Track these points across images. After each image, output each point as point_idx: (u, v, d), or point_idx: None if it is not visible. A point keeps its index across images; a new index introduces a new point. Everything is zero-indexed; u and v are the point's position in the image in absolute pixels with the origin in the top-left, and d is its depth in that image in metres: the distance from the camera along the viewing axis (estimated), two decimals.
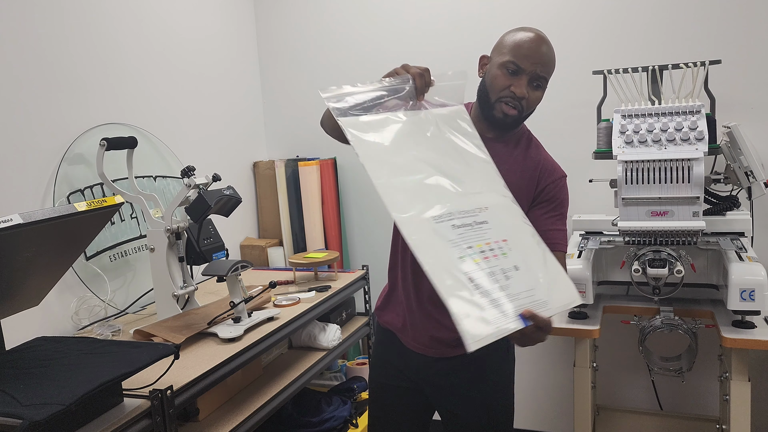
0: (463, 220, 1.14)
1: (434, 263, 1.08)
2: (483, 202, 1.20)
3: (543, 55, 1.39)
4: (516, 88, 1.38)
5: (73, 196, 1.90)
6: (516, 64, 1.37)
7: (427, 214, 1.13)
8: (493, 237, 1.14)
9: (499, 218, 1.19)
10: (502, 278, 1.10)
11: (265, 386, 1.90)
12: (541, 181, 1.46)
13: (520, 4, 2.51)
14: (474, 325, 1.06)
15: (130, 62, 2.19)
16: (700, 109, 1.84)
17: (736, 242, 1.96)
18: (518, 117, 1.42)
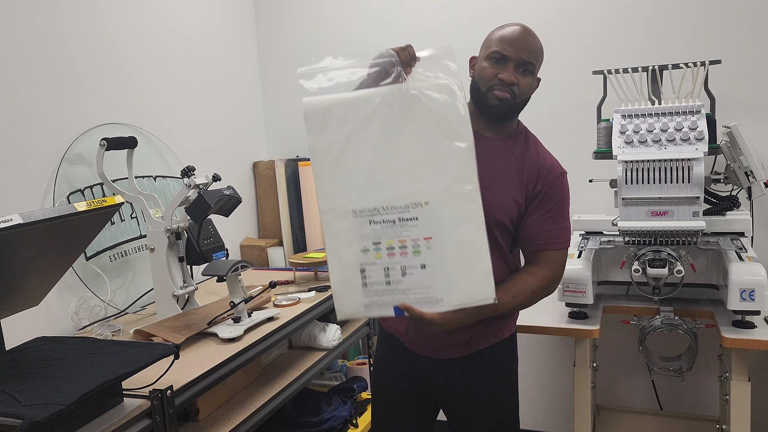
0: (386, 216, 1.23)
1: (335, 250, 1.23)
2: (425, 197, 1.23)
3: (527, 42, 1.41)
4: (504, 74, 1.39)
5: (73, 196, 1.90)
6: (500, 52, 1.40)
7: (350, 207, 1.24)
8: (413, 234, 1.23)
9: (436, 214, 1.23)
10: (397, 274, 1.23)
11: (265, 386, 1.90)
12: (540, 179, 1.45)
13: (520, 4, 2.51)
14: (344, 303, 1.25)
15: (130, 62, 2.19)
16: (700, 109, 1.84)
17: (736, 242, 1.96)
18: (512, 103, 1.41)
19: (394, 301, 1.25)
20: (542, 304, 2.08)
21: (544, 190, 1.44)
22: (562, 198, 1.48)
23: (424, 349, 1.51)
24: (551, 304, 2.06)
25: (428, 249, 1.22)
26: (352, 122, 1.24)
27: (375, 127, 1.24)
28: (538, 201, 1.45)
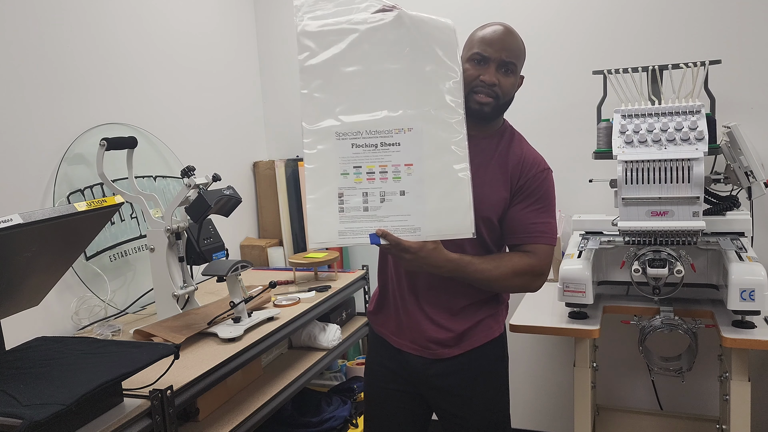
0: (369, 140, 1.23)
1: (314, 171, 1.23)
2: (410, 123, 1.24)
3: (506, 42, 1.42)
4: (485, 76, 1.40)
5: (73, 196, 1.90)
6: (481, 54, 1.41)
7: (333, 129, 1.24)
8: (395, 160, 1.23)
9: (418, 141, 1.24)
10: (376, 200, 1.23)
11: (265, 386, 1.90)
12: (523, 174, 1.45)
13: (520, 4, 2.51)
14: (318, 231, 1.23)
15: (131, 62, 2.19)
16: (700, 109, 1.84)
17: (736, 242, 1.96)
18: (495, 105, 1.42)
19: (371, 229, 1.24)
20: (542, 304, 2.10)
21: (527, 184, 1.45)
22: (546, 193, 1.47)
23: (414, 349, 1.51)
24: (551, 304, 2.06)
25: (409, 175, 1.23)
26: (343, 44, 1.24)
27: (366, 50, 1.25)
28: (522, 194, 1.45)
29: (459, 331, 1.47)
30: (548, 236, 1.45)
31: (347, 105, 1.24)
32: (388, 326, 1.56)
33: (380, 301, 1.59)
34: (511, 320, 1.96)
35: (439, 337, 1.47)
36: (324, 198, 1.23)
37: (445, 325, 1.48)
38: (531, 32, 2.50)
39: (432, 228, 1.26)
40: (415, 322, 1.49)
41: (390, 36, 1.25)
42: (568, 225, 2.38)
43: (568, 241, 2.24)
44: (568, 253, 2.03)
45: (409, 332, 1.51)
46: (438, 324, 1.47)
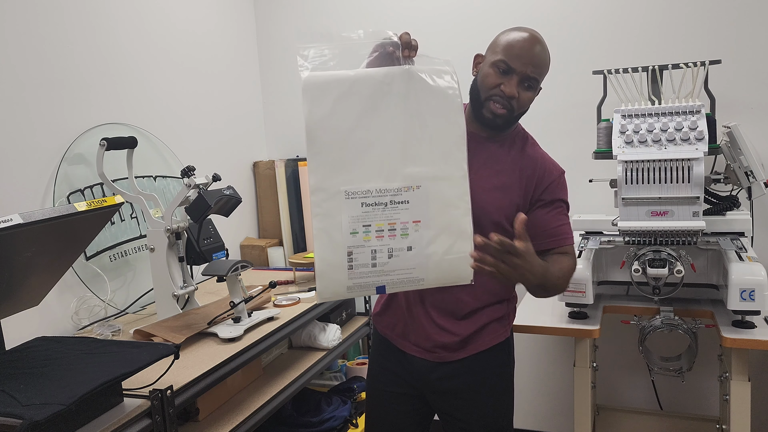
0: (378, 198, 1.23)
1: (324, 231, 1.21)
2: (417, 180, 1.24)
3: (535, 56, 1.38)
4: (506, 87, 1.37)
5: (73, 196, 1.90)
6: (507, 63, 1.37)
7: (343, 188, 1.21)
8: (403, 217, 1.23)
9: (425, 198, 1.24)
10: (384, 257, 1.23)
11: (265, 386, 1.90)
12: (543, 181, 1.45)
13: (520, 4, 2.51)
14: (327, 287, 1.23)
15: (131, 62, 2.19)
16: (700, 109, 1.84)
17: (736, 242, 1.96)
18: (508, 117, 1.41)
19: (378, 282, 1.24)
20: (542, 304, 2.10)
21: (548, 190, 1.46)
22: (564, 196, 1.50)
23: (418, 352, 1.51)
24: (551, 304, 2.06)
25: (416, 232, 1.23)
26: (351, 100, 1.22)
27: (375, 106, 1.23)
28: (543, 202, 1.45)
29: (464, 335, 1.47)
30: (572, 236, 1.49)
31: (357, 164, 1.22)
32: (393, 328, 1.56)
33: (387, 303, 1.59)
34: None
35: (444, 340, 1.47)
36: (333, 256, 1.22)
37: (450, 329, 1.47)
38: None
39: (434, 278, 1.27)
40: (420, 325, 1.49)
41: (396, 89, 1.24)
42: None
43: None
44: None
45: (413, 335, 1.51)
46: (443, 328, 1.47)
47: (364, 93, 1.22)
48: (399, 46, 1.25)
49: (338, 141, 1.21)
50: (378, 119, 1.23)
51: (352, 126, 1.22)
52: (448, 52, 1.60)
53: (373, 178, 1.22)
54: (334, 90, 1.22)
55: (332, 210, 1.21)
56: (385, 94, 1.23)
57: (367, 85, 1.23)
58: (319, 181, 1.21)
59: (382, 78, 1.23)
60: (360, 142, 1.22)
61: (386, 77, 1.23)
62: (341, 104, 1.21)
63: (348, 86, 1.22)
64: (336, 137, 1.21)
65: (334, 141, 1.21)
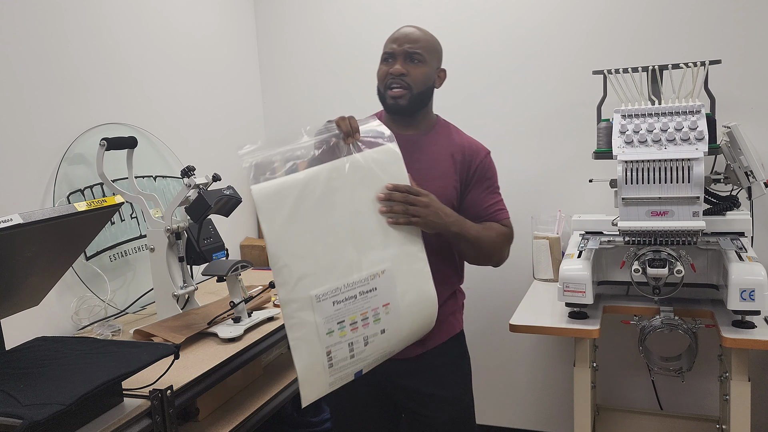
0: (348, 293, 1.23)
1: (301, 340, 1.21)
2: (381, 265, 1.26)
3: (410, 36, 1.48)
4: (392, 68, 1.46)
5: (73, 196, 1.90)
6: (387, 52, 1.50)
7: (312, 292, 1.20)
8: (373, 304, 1.25)
9: (392, 280, 1.27)
10: (360, 346, 1.25)
11: (265, 386, 1.90)
12: (473, 162, 1.53)
13: (519, 4, 2.51)
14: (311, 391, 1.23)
15: (131, 62, 2.19)
16: (700, 109, 1.84)
17: (736, 242, 1.96)
18: (410, 96, 1.47)
19: (356, 369, 1.27)
20: (542, 304, 2.10)
21: (478, 171, 1.53)
22: (494, 173, 1.58)
23: None
24: (551, 304, 2.06)
25: (387, 314, 1.26)
26: (305, 204, 1.21)
27: (329, 204, 1.23)
28: (474, 181, 1.54)
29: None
30: (505, 212, 1.58)
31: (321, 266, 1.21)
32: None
33: None
34: (511, 320, 1.96)
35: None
36: (313, 360, 1.22)
37: None
38: (531, 32, 2.51)
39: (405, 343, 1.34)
40: None
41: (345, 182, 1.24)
42: (568, 225, 2.38)
43: (568, 241, 2.23)
44: (568, 253, 2.03)
45: None
46: None
47: (316, 194, 1.22)
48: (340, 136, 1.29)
49: (301, 249, 1.21)
50: (333, 216, 1.23)
51: (311, 230, 1.21)
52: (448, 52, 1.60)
53: (339, 275, 1.22)
54: (286, 197, 1.21)
55: (306, 317, 1.21)
56: (335, 190, 1.23)
57: (316, 186, 1.22)
58: (288, 293, 1.20)
59: (329, 174, 1.24)
60: (321, 244, 1.22)
61: (331, 173, 1.24)
62: (297, 212, 1.20)
63: (299, 191, 1.21)
64: (298, 246, 1.20)
65: (297, 249, 1.20)
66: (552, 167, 2.53)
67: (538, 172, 2.55)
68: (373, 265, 1.25)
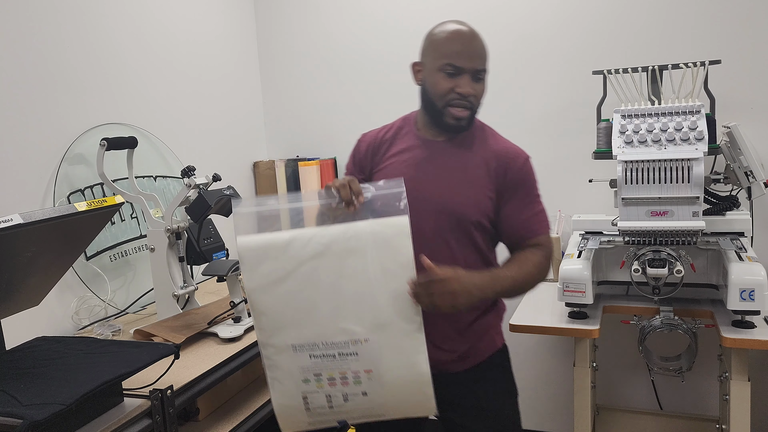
0: (326, 350, 1.20)
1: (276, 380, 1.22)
2: (365, 334, 1.19)
3: (477, 49, 1.38)
4: (461, 88, 1.36)
5: (73, 196, 1.90)
6: (453, 65, 1.36)
7: (289, 342, 1.20)
8: (354, 367, 1.21)
9: (376, 350, 1.20)
10: (339, 400, 1.22)
11: (265, 386, 1.90)
12: (509, 169, 1.42)
13: (520, 4, 2.51)
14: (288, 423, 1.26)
15: (130, 62, 2.19)
16: (699, 109, 1.84)
17: (736, 242, 1.96)
18: (471, 116, 1.41)
19: (338, 418, 1.25)
20: (542, 304, 2.10)
21: (515, 179, 1.42)
22: (533, 182, 1.46)
23: None
24: (551, 304, 2.06)
25: (369, 380, 1.21)
26: (289, 263, 1.19)
27: (313, 267, 1.19)
28: (511, 190, 1.42)
29: (462, 350, 1.45)
30: (546, 224, 1.45)
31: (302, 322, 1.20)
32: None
33: None
34: (511, 320, 1.96)
35: (443, 358, 1.43)
36: (289, 400, 1.23)
37: (447, 348, 1.44)
38: (531, 32, 2.51)
39: (395, 413, 1.26)
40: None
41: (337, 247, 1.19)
42: (568, 225, 2.38)
43: (568, 241, 2.23)
44: (568, 253, 2.03)
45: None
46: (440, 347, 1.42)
47: (302, 256, 1.18)
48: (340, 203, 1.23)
49: (280, 303, 1.19)
50: (317, 279, 1.19)
51: (293, 288, 1.19)
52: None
53: (319, 333, 1.20)
54: (270, 253, 1.19)
55: (282, 362, 1.21)
56: (323, 256, 1.19)
57: (305, 248, 1.19)
58: (266, 338, 1.21)
59: (319, 238, 1.19)
60: (302, 302, 1.19)
61: (323, 237, 1.19)
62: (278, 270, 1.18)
63: (284, 250, 1.18)
64: (277, 299, 1.19)
65: (276, 303, 1.19)
66: (552, 167, 2.53)
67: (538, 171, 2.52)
68: (356, 332, 1.19)
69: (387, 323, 1.20)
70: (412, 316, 1.21)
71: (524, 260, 1.39)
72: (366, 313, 1.20)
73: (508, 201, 1.42)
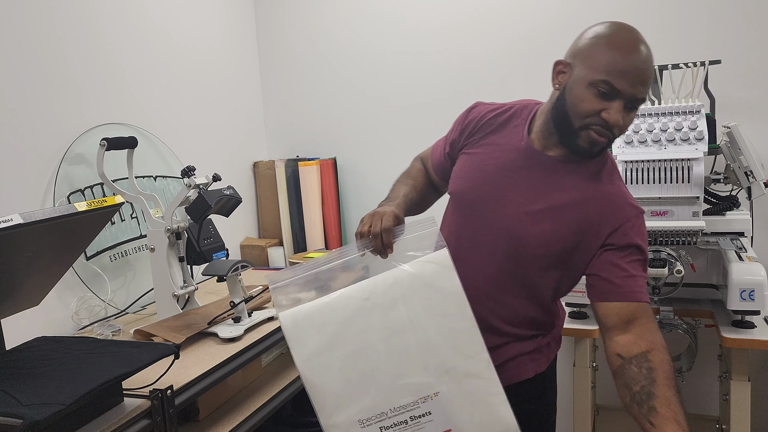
0: (396, 418, 1.10)
1: None
2: (433, 388, 1.10)
3: (644, 72, 1.12)
4: (609, 114, 1.12)
5: (73, 196, 1.90)
6: (610, 84, 1.11)
7: (355, 418, 1.10)
8: (431, 429, 1.10)
9: (450, 403, 1.10)
10: None
11: (265, 386, 1.90)
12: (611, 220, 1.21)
13: (520, 4, 2.51)
14: None
15: (130, 62, 2.19)
16: (699, 109, 1.84)
17: (736, 242, 1.96)
18: (607, 145, 1.18)
19: None
20: None
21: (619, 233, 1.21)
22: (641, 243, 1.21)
23: None
24: None
25: None
26: (334, 326, 1.12)
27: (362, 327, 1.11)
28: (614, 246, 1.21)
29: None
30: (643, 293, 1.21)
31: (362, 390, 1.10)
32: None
33: None
34: None
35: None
36: None
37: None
38: (531, 32, 2.51)
39: None
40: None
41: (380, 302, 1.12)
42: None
43: None
44: None
45: None
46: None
47: (346, 316, 1.12)
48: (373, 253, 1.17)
49: (334, 375, 1.11)
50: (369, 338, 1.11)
51: (345, 354, 1.11)
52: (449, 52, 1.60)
53: (383, 400, 1.10)
54: (315, 322, 1.12)
55: None
56: (368, 312, 1.12)
57: (347, 307, 1.12)
58: (329, 418, 1.11)
59: (360, 294, 1.12)
60: (357, 369, 1.11)
61: (363, 292, 1.12)
62: (326, 334, 1.11)
63: (327, 315, 1.12)
64: (330, 372, 1.11)
65: (330, 376, 1.11)
66: None
67: None
68: (422, 387, 1.10)
69: (452, 368, 1.10)
70: (478, 353, 1.11)
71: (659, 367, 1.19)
72: (429, 362, 1.10)
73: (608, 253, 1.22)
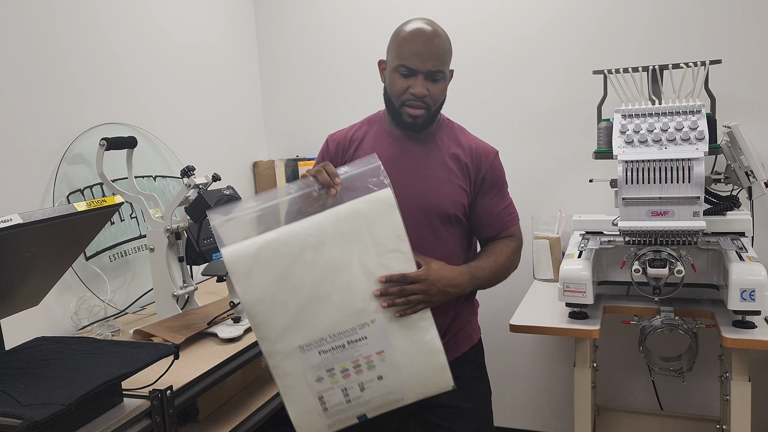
0: (334, 343, 1.19)
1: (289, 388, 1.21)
2: (370, 315, 1.19)
3: (433, 50, 1.37)
4: (414, 88, 1.38)
5: (72, 196, 1.90)
6: (407, 66, 1.37)
7: (295, 344, 1.18)
8: (365, 352, 1.20)
9: (384, 329, 1.20)
10: (356, 391, 1.21)
11: (265, 386, 1.90)
12: (481, 165, 1.48)
13: (520, 4, 2.51)
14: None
15: (130, 62, 2.18)
16: (700, 109, 1.84)
17: (737, 242, 1.96)
18: (427, 115, 1.42)
19: (357, 413, 1.24)
20: (542, 305, 2.10)
21: (487, 174, 1.48)
22: (503, 176, 1.53)
23: None
24: (551, 304, 2.06)
25: (382, 361, 1.21)
26: (280, 261, 1.16)
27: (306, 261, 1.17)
28: (485, 185, 1.49)
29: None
30: (516, 215, 1.54)
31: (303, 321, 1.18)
32: None
33: None
34: (512, 320, 1.96)
35: None
36: (305, 405, 1.21)
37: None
38: (531, 32, 2.51)
39: (414, 395, 1.26)
40: None
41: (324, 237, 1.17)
42: (568, 225, 2.38)
43: (568, 241, 2.23)
44: (568, 253, 2.03)
45: None
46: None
47: (292, 252, 1.17)
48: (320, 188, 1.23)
49: (279, 306, 1.17)
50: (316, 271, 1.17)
51: (289, 288, 1.17)
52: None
53: (324, 327, 1.18)
54: (261, 260, 1.16)
55: (291, 367, 1.19)
56: (314, 247, 1.17)
57: (293, 243, 1.17)
58: (271, 347, 1.19)
59: (306, 230, 1.17)
60: (300, 302, 1.17)
61: (310, 228, 1.18)
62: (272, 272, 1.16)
63: (273, 250, 1.16)
64: (276, 304, 1.17)
65: (275, 307, 1.17)
66: (552, 167, 2.53)
67: (539, 171, 2.55)
68: (360, 315, 1.19)
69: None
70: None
71: (499, 252, 1.47)
72: (368, 294, 1.19)
73: (483, 196, 1.49)
